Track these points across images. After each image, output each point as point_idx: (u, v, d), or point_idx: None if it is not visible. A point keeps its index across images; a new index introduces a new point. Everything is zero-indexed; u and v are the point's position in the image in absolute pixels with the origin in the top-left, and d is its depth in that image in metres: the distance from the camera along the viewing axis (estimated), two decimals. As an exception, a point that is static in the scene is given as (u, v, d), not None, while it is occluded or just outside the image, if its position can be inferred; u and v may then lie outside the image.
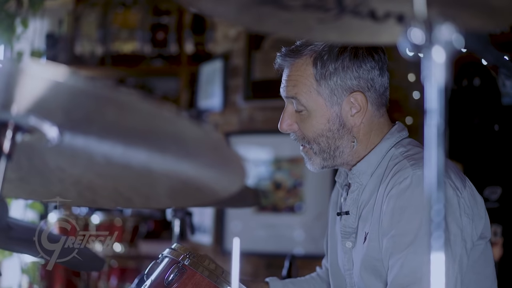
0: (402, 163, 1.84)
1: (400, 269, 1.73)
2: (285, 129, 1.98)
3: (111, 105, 1.02)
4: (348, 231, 1.96)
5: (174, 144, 1.13)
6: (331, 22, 1.08)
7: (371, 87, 1.92)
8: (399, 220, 1.76)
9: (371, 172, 1.93)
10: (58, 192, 1.38)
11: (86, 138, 1.15)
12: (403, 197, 1.76)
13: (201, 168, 1.19)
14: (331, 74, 1.90)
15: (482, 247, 1.85)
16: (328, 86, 1.90)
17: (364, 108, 1.92)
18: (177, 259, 1.81)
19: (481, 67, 3.98)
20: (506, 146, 3.91)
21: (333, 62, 1.90)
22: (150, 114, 1.04)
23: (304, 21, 1.10)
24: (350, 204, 1.96)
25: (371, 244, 1.85)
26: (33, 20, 3.76)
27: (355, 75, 1.90)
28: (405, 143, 1.95)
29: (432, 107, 0.94)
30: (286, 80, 1.96)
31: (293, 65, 1.95)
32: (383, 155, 1.93)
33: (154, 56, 5.83)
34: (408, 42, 0.95)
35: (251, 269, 4.57)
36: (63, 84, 0.97)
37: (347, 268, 1.99)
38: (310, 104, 1.92)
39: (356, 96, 1.91)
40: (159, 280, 1.81)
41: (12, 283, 4.08)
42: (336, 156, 1.94)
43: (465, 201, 1.77)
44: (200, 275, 1.76)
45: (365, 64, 1.91)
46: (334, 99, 1.91)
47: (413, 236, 1.73)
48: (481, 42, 0.98)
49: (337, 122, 1.92)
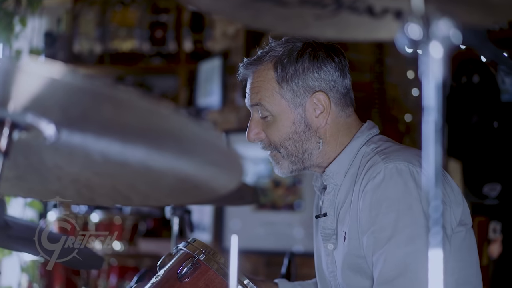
0: (374, 158, 1.86)
1: (384, 264, 1.75)
2: (253, 138, 1.99)
3: (109, 102, 1.02)
4: (328, 233, 1.97)
5: (172, 141, 1.13)
6: (328, 18, 1.08)
7: (333, 88, 1.95)
8: (376, 215, 1.78)
9: (344, 172, 1.94)
10: (56, 190, 1.38)
11: (83, 135, 1.15)
12: (377, 192, 1.78)
13: (199, 166, 1.19)
14: (292, 76, 1.92)
15: (463, 234, 1.87)
16: (290, 89, 1.93)
17: (327, 108, 1.94)
18: (193, 253, 1.81)
19: (480, 64, 3.98)
20: (505, 143, 3.91)
21: (293, 64, 1.93)
22: (147, 111, 1.03)
23: (301, 18, 1.10)
24: (327, 206, 1.97)
25: (351, 243, 1.86)
26: (31, 18, 3.76)
27: (315, 76, 1.93)
28: (376, 139, 1.96)
29: (429, 103, 0.94)
30: (249, 88, 1.99)
31: (255, 72, 1.98)
32: (355, 154, 1.94)
33: (153, 54, 5.83)
34: (406, 37, 0.95)
35: (250, 267, 4.57)
36: (60, 81, 0.97)
37: (331, 270, 1.99)
38: (274, 108, 1.94)
39: (318, 97, 1.93)
40: (171, 272, 1.81)
41: (12, 282, 4.08)
42: (304, 159, 1.96)
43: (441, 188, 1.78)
44: (213, 271, 1.75)
45: (325, 66, 1.94)
46: (297, 100, 1.93)
47: (392, 229, 1.75)
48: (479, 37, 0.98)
49: (302, 124, 1.94)
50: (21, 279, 4.05)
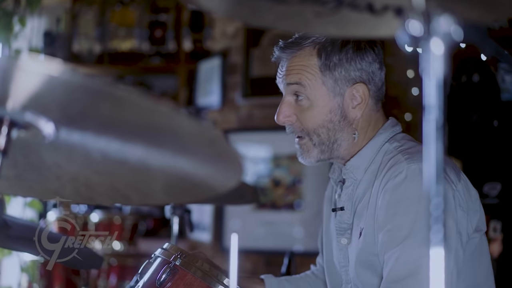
0: (397, 157, 1.84)
1: (396, 263, 1.73)
2: (282, 120, 1.96)
3: (108, 100, 1.01)
4: (343, 227, 1.95)
5: (171, 139, 1.13)
6: (328, 15, 1.07)
7: (372, 80, 1.93)
8: (394, 213, 1.76)
9: (365, 167, 1.92)
10: (55, 189, 1.37)
11: (82, 134, 1.14)
12: (398, 191, 1.76)
13: (198, 164, 1.18)
14: (336, 65, 1.90)
15: (477, 240, 1.85)
16: (332, 77, 1.91)
17: (365, 101, 1.92)
18: (169, 259, 1.80)
19: (480, 63, 3.98)
20: (505, 142, 3.90)
21: (337, 53, 1.91)
22: (147, 109, 1.03)
23: (301, 15, 1.09)
24: (345, 200, 1.95)
25: (367, 240, 1.84)
26: (30, 18, 3.75)
27: (358, 66, 1.91)
28: (399, 138, 1.94)
29: (430, 100, 0.94)
30: (286, 70, 1.95)
31: (295, 56, 1.94)
32: (377, 150, 1.93)
33: (152, 54, 5.82)
34: (407, 34, 0.94)
35: (250, 267, 4.56)
36: (59, 79, 0.96)
37: (343, 264, 1.98)
38: (313, 93, 1.92)
39: (358, 88, 1.91)
40: (151, 281, 1.81)
41: (12, 282, 4.07)
42: (333, 149, 1.94)
43: (459, 194, 1.77)
44: (192, 275, 1.75)
45: (367, 56, 1.92)
46: (337, 89, 1.91)
47: (409, 230, 1.72)
48: (480, 34, 0.97)
49: (338, 114, 1.92)
50: (21, 279, 4.04)
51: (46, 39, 5.60)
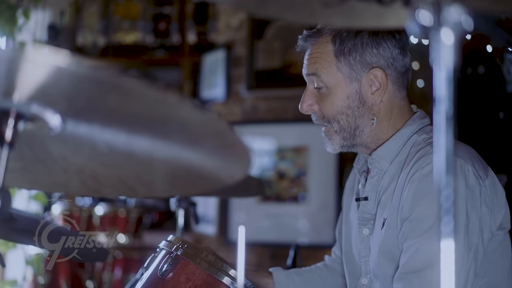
0: (426, 149, 1.83)
1: (415, 253, 1.72)
2: (306, 109, 1.97)
3: (114, 92, 1.01)
4: (367, 217, 1.94)
5: (178, 131, 1.12)
6: (336, 6, 1.06)
7: (391, 65, 1.91)
8: (419, 204, 1.75)
9: (391, 158, 1.91)
10: (61, 182, 1.37)
11: (89, 126, 1.13)
12: (425, 182, 1.75)
13: (205, 156, 1.18)
14: (350, 50, 1.89)
15: (500, 237, 1.83)
16: (347, 62, 1.90)
17: (384, 85, 1.90)
18: (171, 249, 1.80)
19: (485, 55, 3.96)
20: (511, 134, 3.89)
21: (352, 39, 1.90)
22: (153, 100, 1.02)
23: (308, 5, 1.08)
24: (369, 190, 1.94)
25: (389, 231, 1.83)
26: (34, 11, 3.75)
27: (374, 52, 1.89)
28: (428, 130, 1.93)
29: (440, 91, 0.93)
30: (307, 59, 1.96)
31: (314, 44, 1.95)
32: (404, 142, 1.91)
33: (156, 46, 5.82)
34: (416, 24, 0.93)
35: (255, 259, 4.56)
36: (65, 70, 0.95)
37: (363, 255, 1.97)
38: (330, 80, 1.91)
39: (375, 73, 1.90)
40: (153, 272, 1.81)
41: (17, 275, 4.08)
42: (356, 135, 1.93)
43: (486, 191, 1.76)
44: (194, 264, 1.75)
45: (385, 42, 1.90)
46: (353, 75, 1.90)
47: (431, 222, 1.71)
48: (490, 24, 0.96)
49: (356, 99, 1.91)
50: (26, 272, 4.05)
51: (50, 32, 5.60)
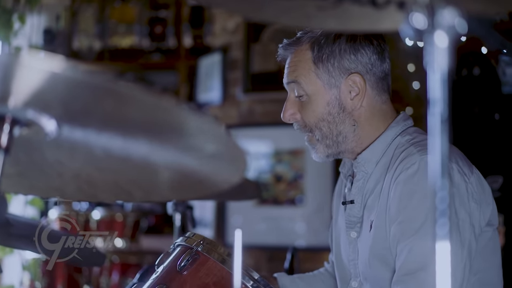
0: (409, 149, 1.83)
1: (408, 255, 1.73)
2: (288, 118, 1.97)
3: (110, 96, 1.01)
4: (353, 221, 1.95)
5: (174, 135, 1.12)
6: (330, 9, 1.06)
7: (370, 71, 1.92)
8: (407, 205, 1.75)
9: (376, 161, 1.92)
10: (58, 187, 1.36)
11: (84, 131, 1.13)
12: (410, 183, 1.76)
13: (202, 159, 1.18)
14: (328, 57, 1.91)
15: (490, 234, 1.85)
16: (325, 69, 1.91)
17: (362, 91, 1.91)
18: (191, 245, 1.80)
19: (480, 56, 3.97)
20: (507, 135, 3.89)
21: (330, 45, 1.91)
22: (149, 105, 1.02)
23: (303, 9, 1.09)
24: (355, 193, 1.95)
25: (377, 232, 1.84)
26: (30, 16, 3.75)
27: (352, 58, 1.91)
28: (411, 131, 1.94)
29: (435, 93, 0.93)
30: (287, 67, 1.98)
31: (293, 53, 1.96)
32: (389, 143, 1.92)
33: (152, 50, 5.81)
34: (410, 27, 0.94)
35: (253, 262, 4.56)
36: (61, 76, 0.96)
37: (352, 258, 1.98)
38: (310, 87, 1.92)
39: (354, 78, 1.91)
40: (171, 266, 1.80)
41: (14, 280, 4.07)
42: (339, 142, 1.93)
43: (472, 187, 1.77)
44: (213, 261, 1.74)
45: (363, 48, 1.91)
46: (332, 81, 1.91)
47: (421, 222, 1.72)
48: (484, 26, 0.97)
49: (336, 105, 1.92)
50: (22, 277, 4.04)
51: (46, 36, 5.60)
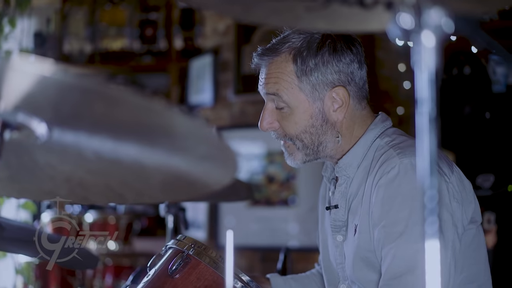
0: (389, 152, 1.83)
1: (393, 259, 1.73)
2: (266, 127, 1.97)
3: (100, 99, 1.01)
4: (338, 225, 1.95)
5: (164, 137, 1.12)
6: (319, 10, 1.07)
7: (352, 81, 1.92)
8: (389, 209, 1.76)
9: (357, 164, 1.92)
10: (49, 190, 1.37)
11: (75, 133, 1.14)
12: (391, 187, 1.76)
13: (193, 162, 1.18)
14: (312, 70, 1.89)
15: (473, 231, 1.85)
16: (309, 82, 1.90)
17: (346, 103, 1.91)
18: (182, 249, 1.81)
19: (471, 55, 3.98)
20: (497, 134, 3.91)
21: (313, 57, 1.89)
22: (139, 108, 1.03)
23: (292, 10, 1.09)
24: (338, 198, 1.95)
25: (362, 236, 1.84)
26: (20, 19, 3.74)
27: (335, 69, 1.90)
28: (390, 132, 1.94)
29: (422, 93, 0.94)
30: (265, 78, 1.95)
31: (272, 63, 1.94)
32: (368, 146, 1.92)
33: (143, 52, 5.81)
34: (398, 28, 0.94)
35: (246, 263, 4.57)
36: (51, 79, 0.96)
37: (339, 261, 1.98)
38: (292, 101, 1.91)
39: (338, 91, 1.91)
40: (163, 270, 1.80)
41: (7, 284, 4.06)
42: (319, 151, 1.94)
43: (453, 186, 1.78)
44: (205, 264, 1.75)
45: (344, 57, 1.91)
46: (316, 94, 1.91)
47: (404, 225, 1.73)
48: (471, 26, 0.97)
49: (320, 118, 1.91)
50: (16, 281, 4.03)
51: (36, 40, 5.58)
